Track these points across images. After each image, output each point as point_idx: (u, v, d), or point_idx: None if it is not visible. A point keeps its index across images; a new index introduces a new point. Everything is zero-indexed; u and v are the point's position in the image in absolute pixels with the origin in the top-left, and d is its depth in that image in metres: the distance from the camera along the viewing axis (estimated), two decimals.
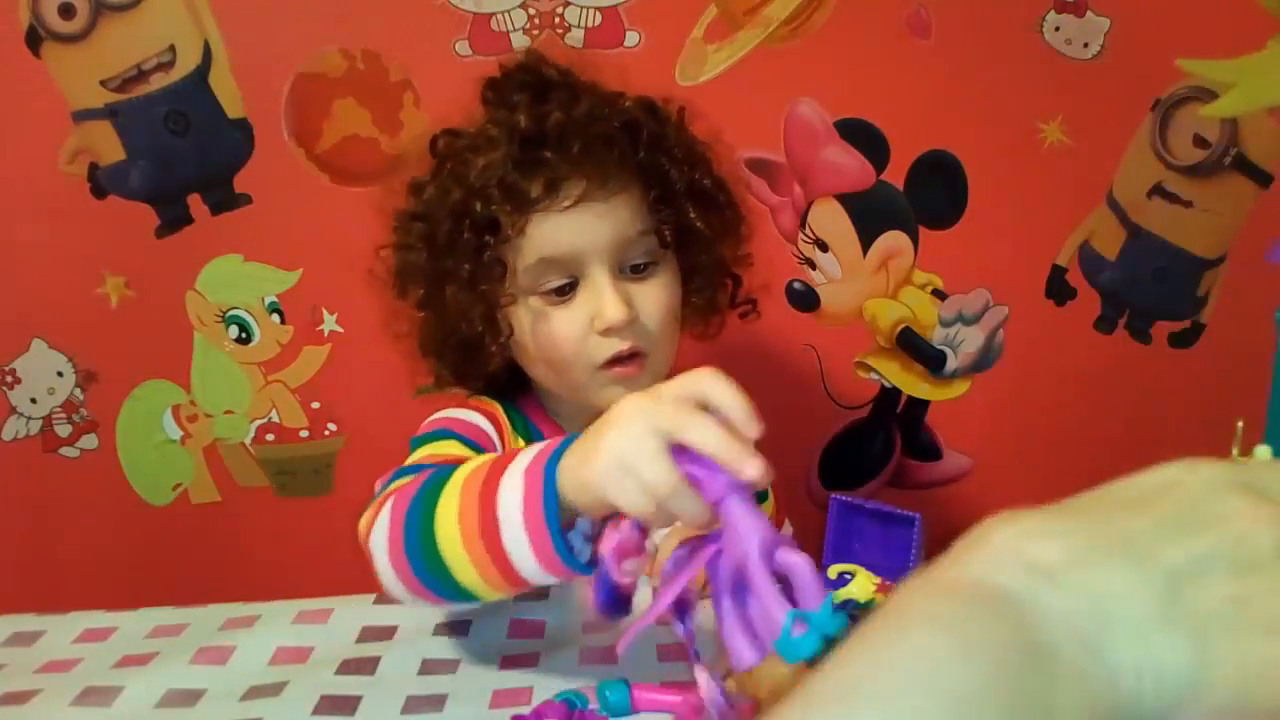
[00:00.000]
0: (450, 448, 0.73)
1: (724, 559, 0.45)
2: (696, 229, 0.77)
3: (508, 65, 0.77)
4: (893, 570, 0.67)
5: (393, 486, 0.65)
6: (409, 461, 0.73)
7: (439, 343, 0.78)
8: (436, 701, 0.62)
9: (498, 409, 0.80)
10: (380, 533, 0.61)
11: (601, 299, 0.71)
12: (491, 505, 0.55)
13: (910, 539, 0.66)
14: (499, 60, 0.78)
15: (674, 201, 0.75)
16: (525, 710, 0.59)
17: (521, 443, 0.78)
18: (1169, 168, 1.16)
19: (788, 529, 0.98)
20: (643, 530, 0.49)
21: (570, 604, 0.73)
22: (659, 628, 0.69)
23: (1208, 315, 1.21)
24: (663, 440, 0.48)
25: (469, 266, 0.72)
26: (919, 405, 1.22)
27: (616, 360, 0.73)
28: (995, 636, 0.28)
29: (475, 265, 0.72)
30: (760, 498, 0.92)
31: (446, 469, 0.60)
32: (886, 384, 1.22)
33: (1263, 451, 0.49)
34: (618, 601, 0.51)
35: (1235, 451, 0.66)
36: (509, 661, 0.66)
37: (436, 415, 0.79)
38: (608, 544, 0.49)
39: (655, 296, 0.74)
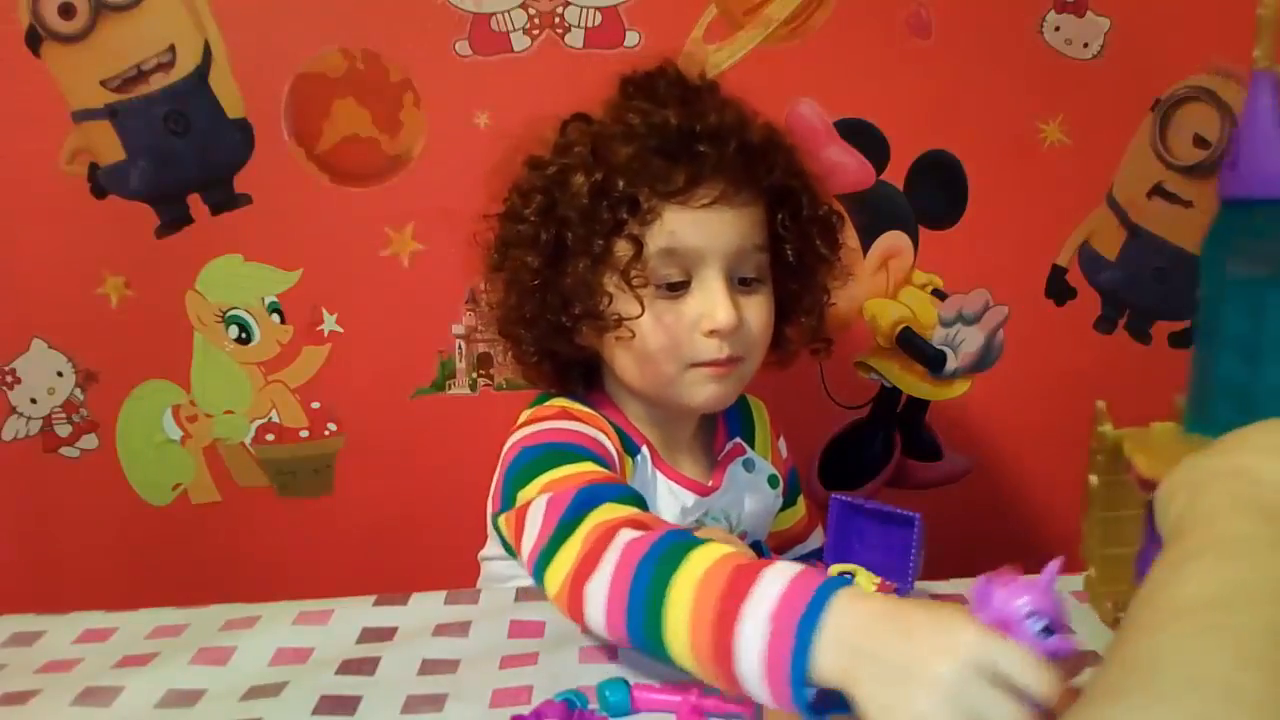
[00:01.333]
0: (597, 469, 0.69)
1: None
2: (819, 253, 0.79)
3: (646, 69, 0.78)
4: (892, 570, 0.67)
5: (599, 520, 0.61)
6: (562, 474, 0.68)
7: (536, 316, 0.76)
8: (436, 701, 0.62)
9: (603, 421, 0.78)
10: (599, 587, 0.58)
11: (714, 301, 0.72)
12: (728, 634, 0.51)
13: (910, 539, 0.65)
14: (634, 66, 0.79)
15: (800, 223, 0.78)
16: (525, 710, 0.59)
17: (627, 457, 0.77)
18: (1169, 168, 1.16)
19: (819, 536, 0.97)
20: None
21: None
22: None
23: None
24: (970, 705, 0.42)
25: (603, 242, 0.72)
26: (919, 405, 1.22)
27: (712, 364, 0.75)
28: None
29: (608, 243, 0.72)
30: (790, 501, 0.91)
31: (679, 537, 0.57)
32: (886, 384, 1.22)
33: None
34: None
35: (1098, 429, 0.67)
36: (509, 661, 0.66)
37: (552, 425, 0.74)
38: None
39: (759, 311, 0.76)
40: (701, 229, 0.72)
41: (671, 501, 0.80)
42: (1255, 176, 0.59)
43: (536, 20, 1.09)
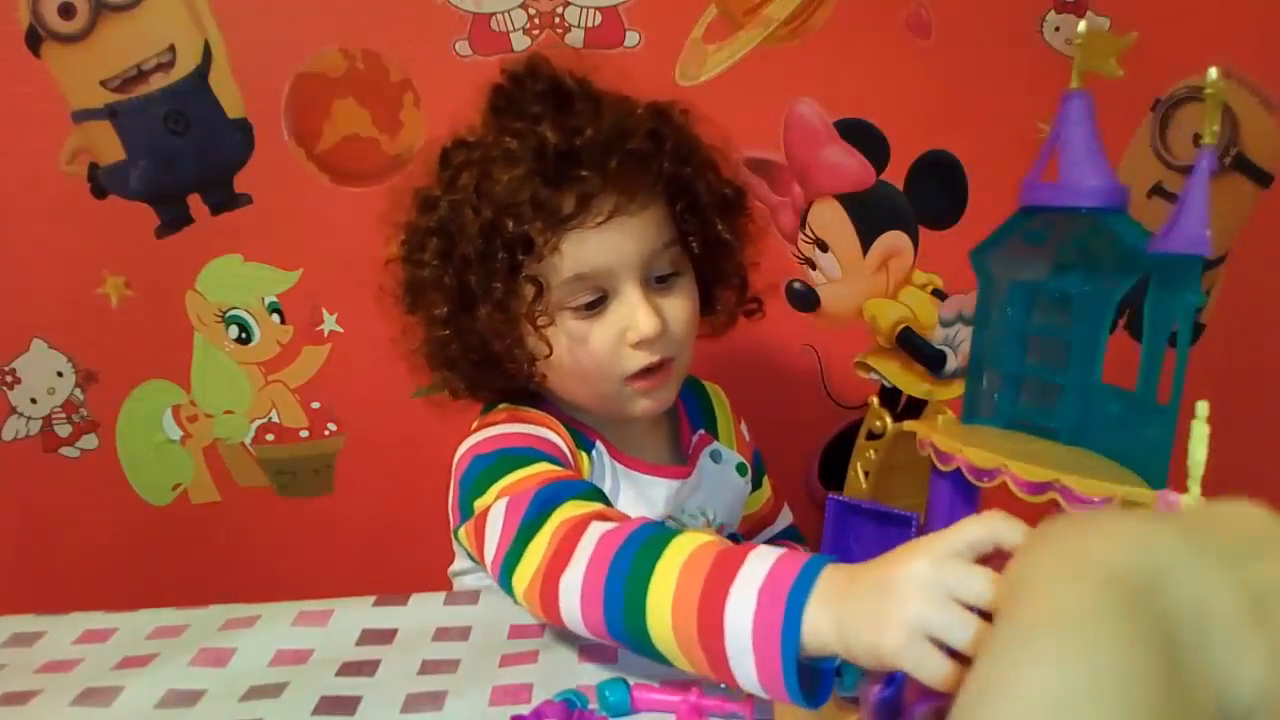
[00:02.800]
0: (553, 468, 0.69)
1: None
2: (723, 239, 0.77)
3: (515, 71, 0.75)
4: None
5: (564, 517, 0.62)
6: (517, 477, 0.68)
7: (458, 357, 0.76)
8: (436, 701, 0.61)
9: (556, 421, 0.77)
10: (575, 579, 0.59)
11: (635, 313, 0.71)
12: (717, 611, 0.52)
13: (908, 539, 0.65)
14: (502, 65, 0.76)
15: (700, 212, 0.76)
16: (525, 710, 0.58)
17: (582, 454, 0.77)
18: (1169, 168, 1.16)
19: (787, 516, 0.98)
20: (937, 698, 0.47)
21: None
22: None
23: (1207, 315, 1.21)
24: (947, 593, 0.46)
25: (501, 286, 0.71)
26: (919, 405, 1.22)
27: (645, 371, 0.74)
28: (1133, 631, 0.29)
29: (509, 285, 0.71)
30: (755, 484, 0.91)
31: (657, 528, 0.58)
32: (886, 384, 1.22)
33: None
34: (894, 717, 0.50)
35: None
36: (509, 660, 0.66)
37: (502, 430, 0.74)
38: (872, 693, 0.49)
39: (681, 306, 0.75)
40: (606, 247, 0.70)
41: (636, 494, 0.79)
42: (1065, 189, 0.65)
43: (536, 20, 1.09)
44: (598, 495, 0.66)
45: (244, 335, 1.15)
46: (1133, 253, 0.62)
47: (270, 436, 1.17)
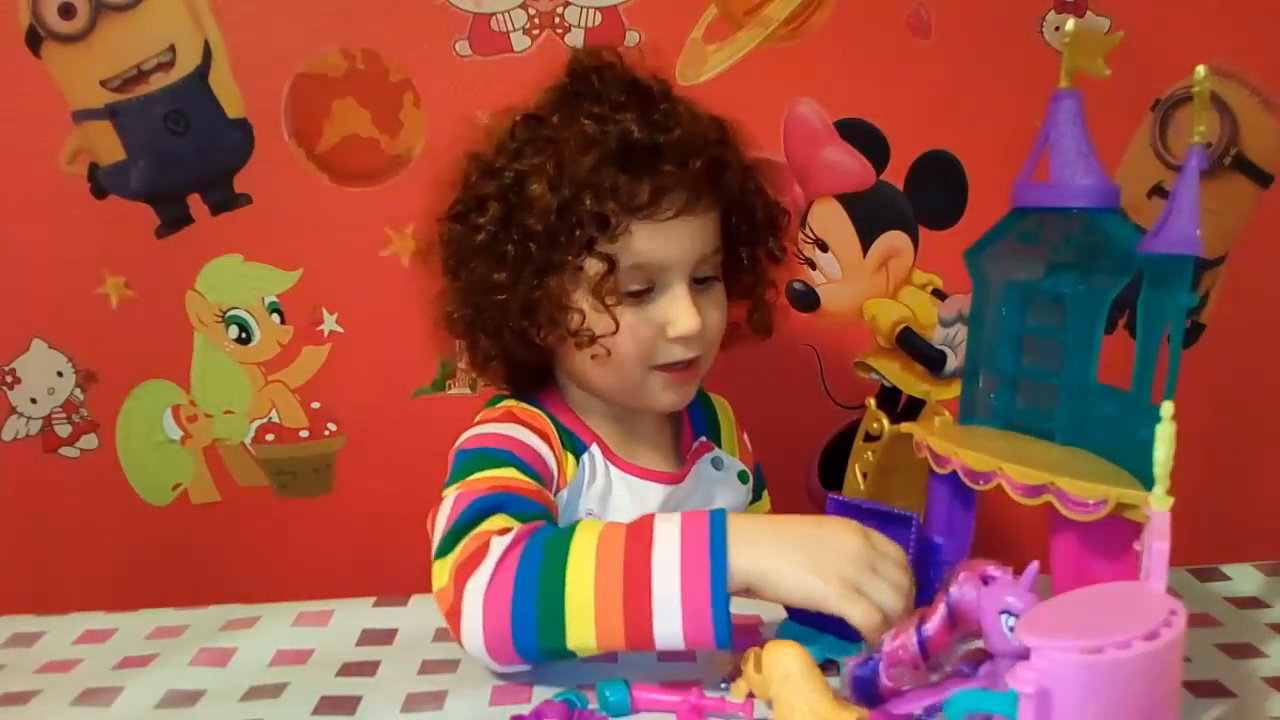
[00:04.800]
0: (516, 477, 0.71)
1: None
2: (770, 255, 0.82)
3: (592, 62, 0.76)
4: None
5: (485, 528, 0.64)
6: (478, 478, 0.70)
7: (496, 325, 0.76)
8: (436, 700, 0.62)
9: (548, 424, 0.79)
10: (481, 579, 0.60)
11: (680, 309, 0.74)
12: (644, 573, 0.58)
13: (908, 539, 0.65)
14: (575, 52, 0.78)
15: (754, 226, 0.80)
16: (525, 710, 0.59)
17: (570, 458, 0.78)
18: (1169, 168, 1.16)
19: None
20: (924, 649, 0.52)
21: None
22: None
23: (1208, 315, 1.21)
24: (874, 565, 0.59)
25: (573, 260, 0.73)
26: (919, 405, 1.22)
27: (675, 365, 0.76)
28: None
29: (579, 260, 0.73)
30: (757, 495, 0.93)
31: (566, 535, 0.61)
32: (886, 384, 1.22)
33: None
34: (870, 695, 0.54)
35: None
36: None
37: (490, 429, 0.76)
38: (886, 646, 0.54)
39: (716, 309, 0.78)
40: (666, 241, 0.73)
41: (629, 498, 0.79)
42: (1056, 189, 0.65)
43: (536, 20, 1.09)
44: (543, 515, 0.67)
45: (244, 335, 1.15)
46: (1125, 252, 0.62)
47: (270, 436, 1.18)
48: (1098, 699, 0.40)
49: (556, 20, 1.09)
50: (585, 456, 0.78)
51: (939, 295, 1.19)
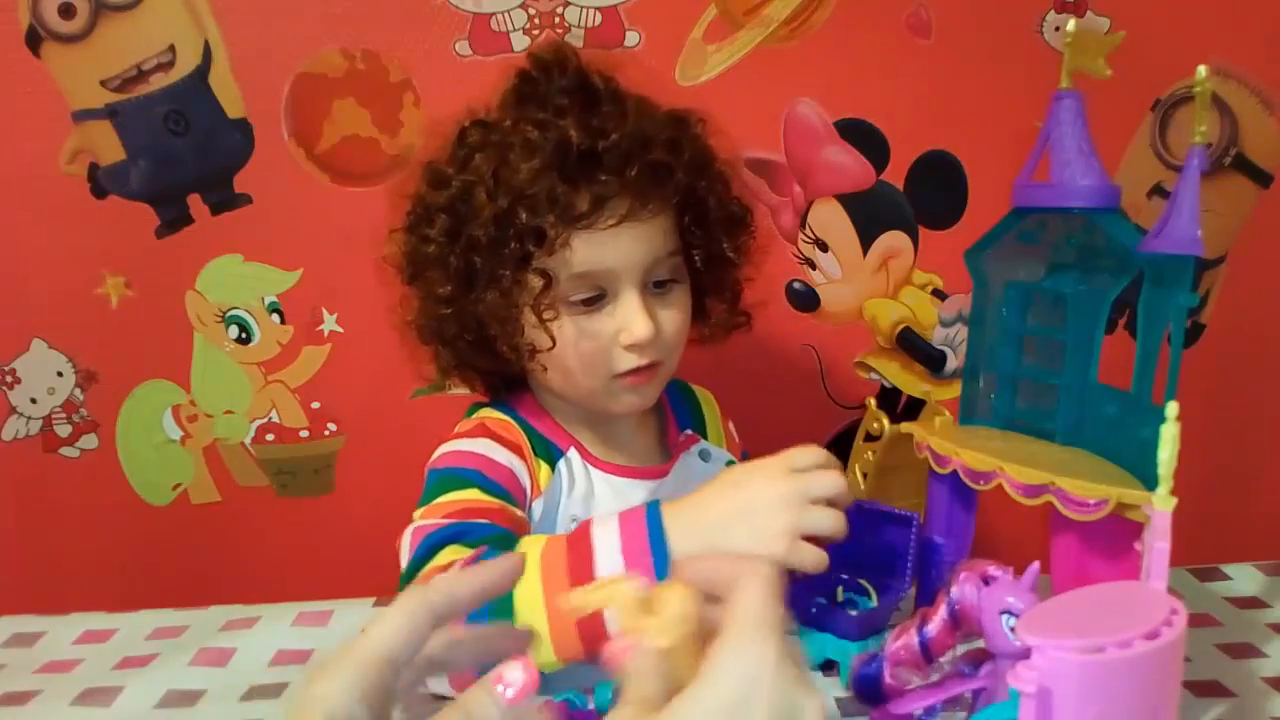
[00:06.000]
0: (479, 498, 0.72)
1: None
2: (725, 256, 0.79)
3: (544, 59, 0.75)
4: (890, 569, 0.67)
5: (439, 562, 0.65)
6: (440, 503, 0.72)
7: (453, 336, 0.77)
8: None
9: (520, 434, 0.79)
10: None
11: (631, 316, 0.72)
12: (589, 578, 0.59)
13: (908, 539, 0.66)
14: (530, 51, 0.76)
15: (707, 227, 0.77)
16: None
17: (544, 467, 0.78)
18: (1169, 168, 1.16)
19: None
20: (926, 649, 0.53)
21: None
22: None
23: (1208, 315, 1.21)
24: (805, 497, 0.60)
25: (509, 274, 0.71)
26: (919, 405, 1.22)
27: (634, 370, 0.75)
28: None
29: (516, 274, 0.72)
30: None
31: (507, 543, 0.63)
32: (886, 384, 1.22)
33: None
34: (874, 694, 0.55)
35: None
36: None
37: (459, 446, 0.77)
38: (889, 646, 0.55)
39: (674, 314, 0.76)
40: (611, 250, 0.71)
41: (613, 498, 0.79)
42: (1057, 189, 0.65)
43: (536, 20, 1.09)
44: (503, 538, 0.67)
45: (244, 335, 1.15)
46: (1126, 252, 0.62)
47: (270, 436, 1.18)
48: (1098, 698, 0.40)
49: (556, 20, 1.09)
50: (562, 462, 0.78)
51: (939, 295, 1.19)
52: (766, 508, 0.60)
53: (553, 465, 0.78)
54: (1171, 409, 0.50)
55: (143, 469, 1.18)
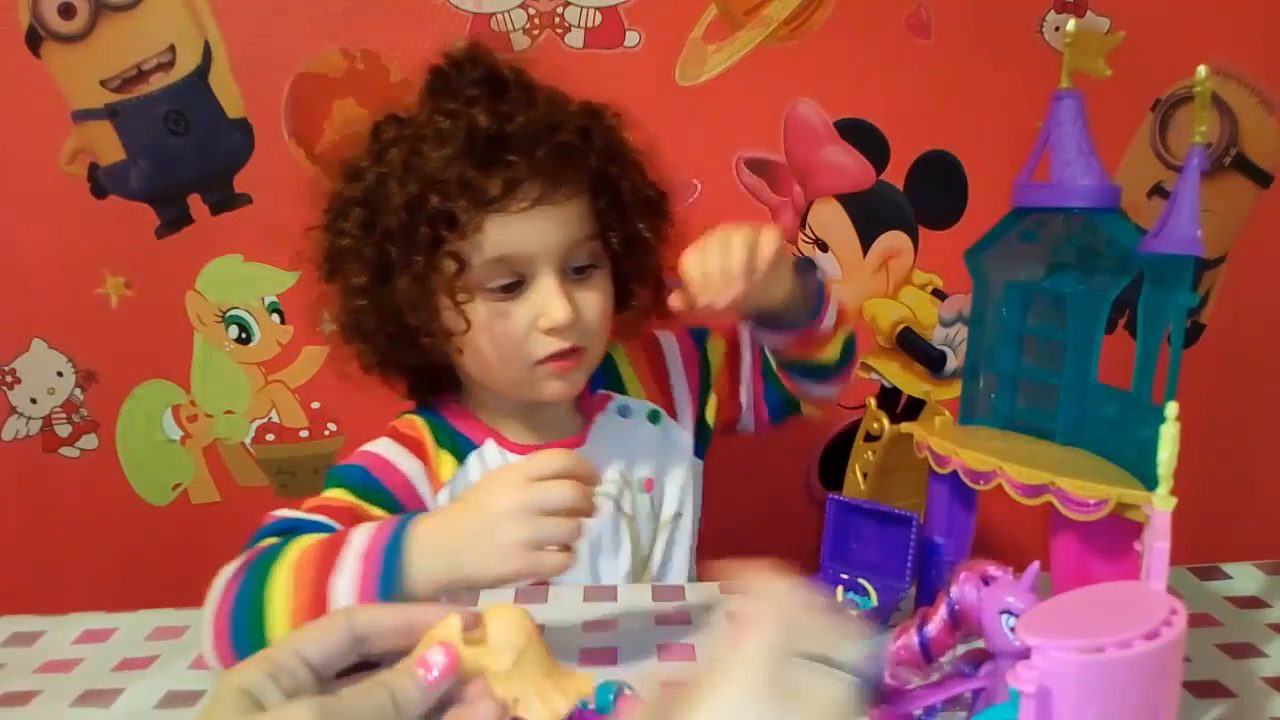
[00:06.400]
0: (339, 498, 0.73)
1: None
2: (642, 238, 0.78)
3: (455, 55, 0.75)
4: (889, 570, 0.67)
5: (254, 549, 0.67)
6: (310, 499, 0.73)
7: (373, 329, 0.77)
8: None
9: (423, 429, 0.80)
10: (210, 601, 0.65)
11: (548, 300, 0.72)
12: (323, 590, 0.60)
13: (908, 539, 0.65)
14: (444, 50, 0.76)
15: (622, 210, 0.77)
16: None
17: (448, 458, 0.79)
18: (1169, 168, 1.16)
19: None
20: (926, 649, 0.52)
21: (570, 604, 0.73)
22: (658, 630, 0.69)
23: (1208, 315, 1.21)
24: (535, 509, 0.59)
25: (422, 259, 0.71)
26: (919, 405, 1.22)
27: (556, 356, 0.75)
28: None
29: (429, 259, 0.71)
30: (702, 343, 0.89)
31: (277, 549, 0.64)
32: (886, 384, 1.22)
33: None
34: (875, 694, 0.54)
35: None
36: None
37: (363, 447, 0.79)
38: (891, 645, 0.53)
39: (596, 298, 0.76)
40: (525, 233, 0.71)
41: None
42: (1057, 189, 0.64)
43: (536, 20, 1.09)
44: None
45: (244, 335, 1.15)
46: (1126, 252, 0.62)
47: (270, 436, 1.18)
48: (1098, 698, 0.40)
49: (556, 20, 1.09)
50: (474, 455, 0.79)
51: (939, 295, 1.19)
52: (498, 523, 0.59)
53: (461, 458, 0.78)
54: (1171, 409, 0.50)
55: (143, 469, 1.18)
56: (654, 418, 0.85)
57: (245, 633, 0.62)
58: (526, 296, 0.73)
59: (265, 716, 0.37)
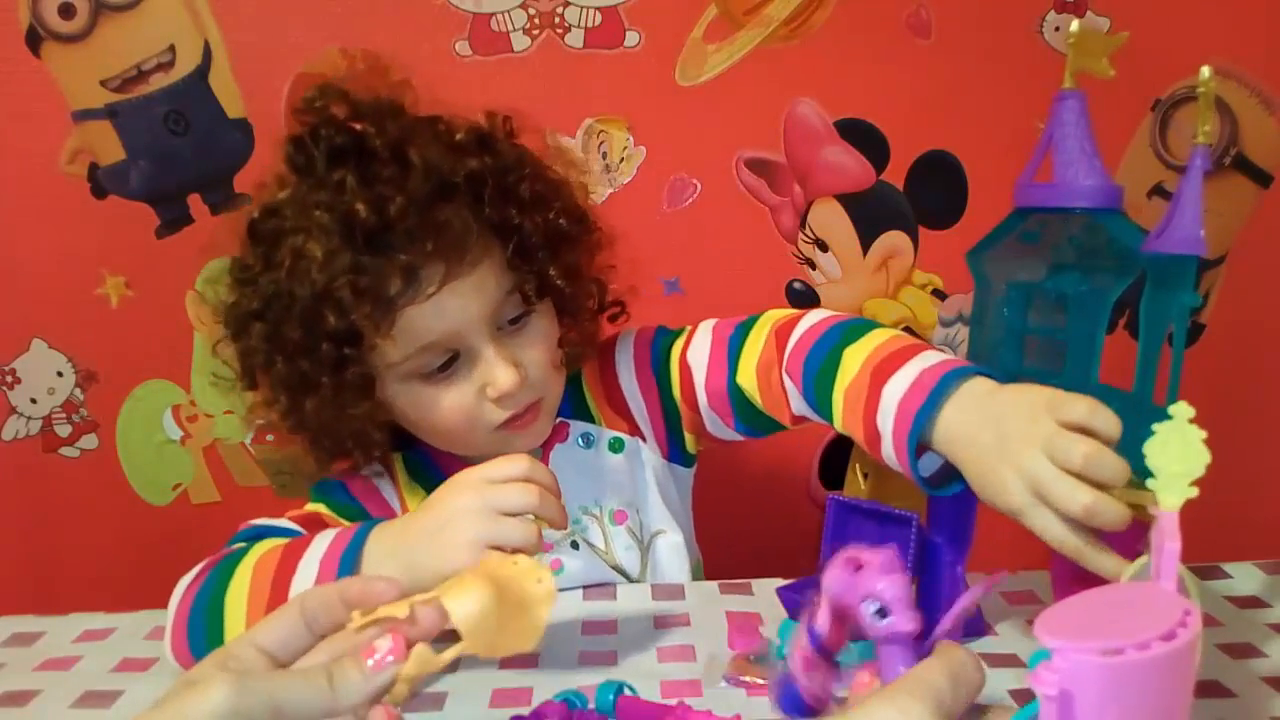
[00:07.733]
0: (324, 513, 0.76)
1: None
2: (560, 275, 0.73)
3: (308, 121, 0.70)
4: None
5: (218, 553, 0.70)
6: (295, 509, 0.77)
7: (313, 439, 0.75)
8: (437, 700, 0.62)
9: (395, 459, 0.80)
10: (172, 604, 0.67)
11: (491, 370, 0.69)
12: (284, 591, 0.61)
13: (908, 539, 0.65)
14: (293, 107, 0.71)
15: (531, 254, 0.71)
16: (525, 710, 0.58)
17: (420, 490, 0.78)
18: (1169, 168, 1.16)
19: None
20: (822, 649, 0.51)
21: (570, 604, 0.73)
22: (658, 631, 0.69)
23: (1208, 315, 1.21)
24: (493, 509, 0.60)
25: (329, 381, 0.67)
26: None
27: (513, 418, 0.72)
28: None
29: (336, 380, 0.68)
30: (668, 346, 0.82)
31: (240, 553, 0.66)
32: None
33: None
34: (801, 706, 0.53)
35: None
36: (509, 661, 0.66)
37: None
38: (793, 654, 0.52)
39: (537, 346, 0.73)
40: (443, 314, 0.67)
41: None
42: (1059, 189, 0.65)
43: (536, 20, 1.09)
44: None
45: None
46: (1128, 252, 0.62)
47: (270, 437, 1.17)
48: (1118, 700, 0.40)
49: (556, 20, 1.09)
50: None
51: (939, 295, 1.19)
52: (453, 521, 0.60)
53: (429, 489, 0.70)
54: (1186, 411, 0.50)
55: (143, 469, 1.18)
56: (616, 446, 0.81)
57: (203, 634, 0.63)
58: (467, 370, 0.70)
59: (186, 691, 0.38)
